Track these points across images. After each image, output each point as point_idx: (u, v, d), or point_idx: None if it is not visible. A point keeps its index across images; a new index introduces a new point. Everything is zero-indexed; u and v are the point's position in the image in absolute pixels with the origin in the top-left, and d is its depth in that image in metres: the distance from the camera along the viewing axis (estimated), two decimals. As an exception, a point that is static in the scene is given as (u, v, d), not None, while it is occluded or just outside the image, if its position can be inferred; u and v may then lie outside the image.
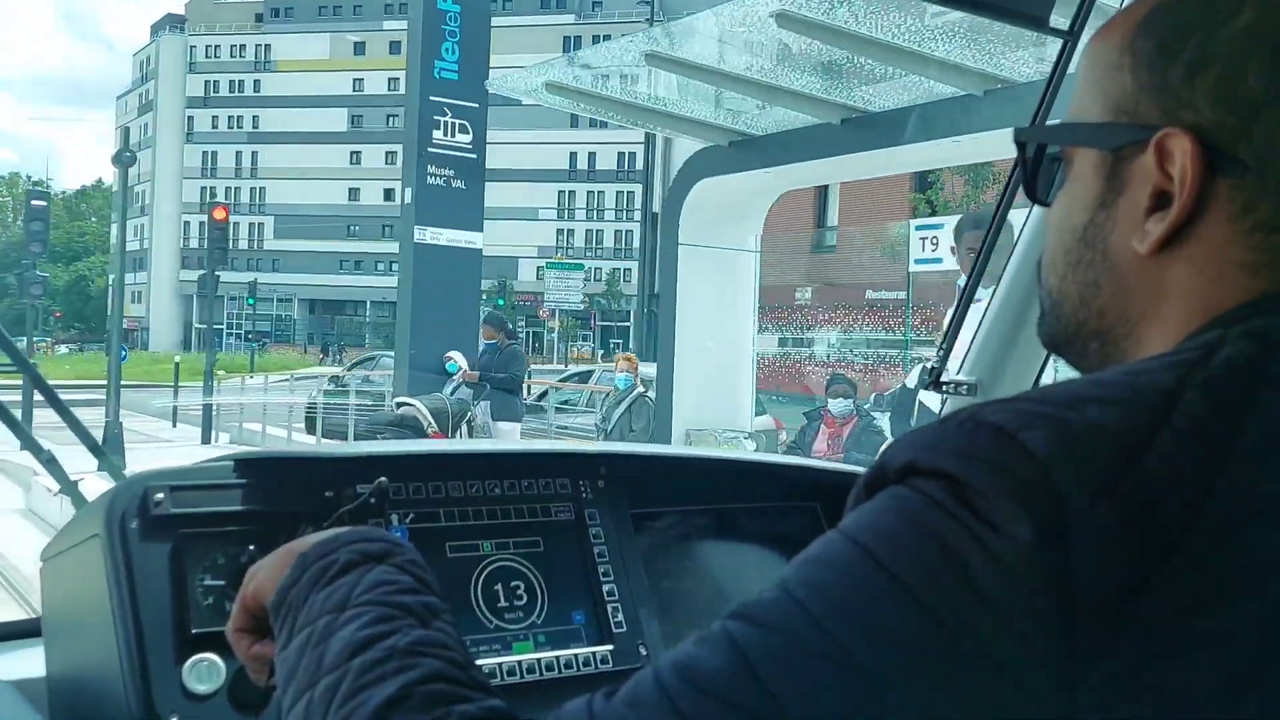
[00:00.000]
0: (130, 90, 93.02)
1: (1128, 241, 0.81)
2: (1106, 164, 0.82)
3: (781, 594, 0.68)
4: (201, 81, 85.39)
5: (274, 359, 57.29)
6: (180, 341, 73.58)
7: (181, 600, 1.37)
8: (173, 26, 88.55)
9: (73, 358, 57.56)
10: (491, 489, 1.66)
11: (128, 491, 1.40)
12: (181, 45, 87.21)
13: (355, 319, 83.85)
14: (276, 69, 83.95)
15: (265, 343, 73.28)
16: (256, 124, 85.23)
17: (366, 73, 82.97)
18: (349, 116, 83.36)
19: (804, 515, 1.93)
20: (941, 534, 0.66)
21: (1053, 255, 0.88)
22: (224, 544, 1.43)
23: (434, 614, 0.87)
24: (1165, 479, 0.65)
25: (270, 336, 76.18)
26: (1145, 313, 0.81)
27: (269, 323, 79.60)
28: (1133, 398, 0.69)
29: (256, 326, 76.80)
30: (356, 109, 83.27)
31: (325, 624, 0.85)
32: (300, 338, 74.03)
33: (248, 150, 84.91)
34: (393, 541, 0.96)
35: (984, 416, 0.69)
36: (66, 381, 27.08)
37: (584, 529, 1.70)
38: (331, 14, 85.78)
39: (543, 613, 1.62)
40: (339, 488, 1.52)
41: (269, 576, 0.99)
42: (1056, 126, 0.91)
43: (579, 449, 1.82)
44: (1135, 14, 0.82)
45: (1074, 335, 0.87)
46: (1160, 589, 0.63)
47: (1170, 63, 0.78)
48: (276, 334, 75.99)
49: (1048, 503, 0.64)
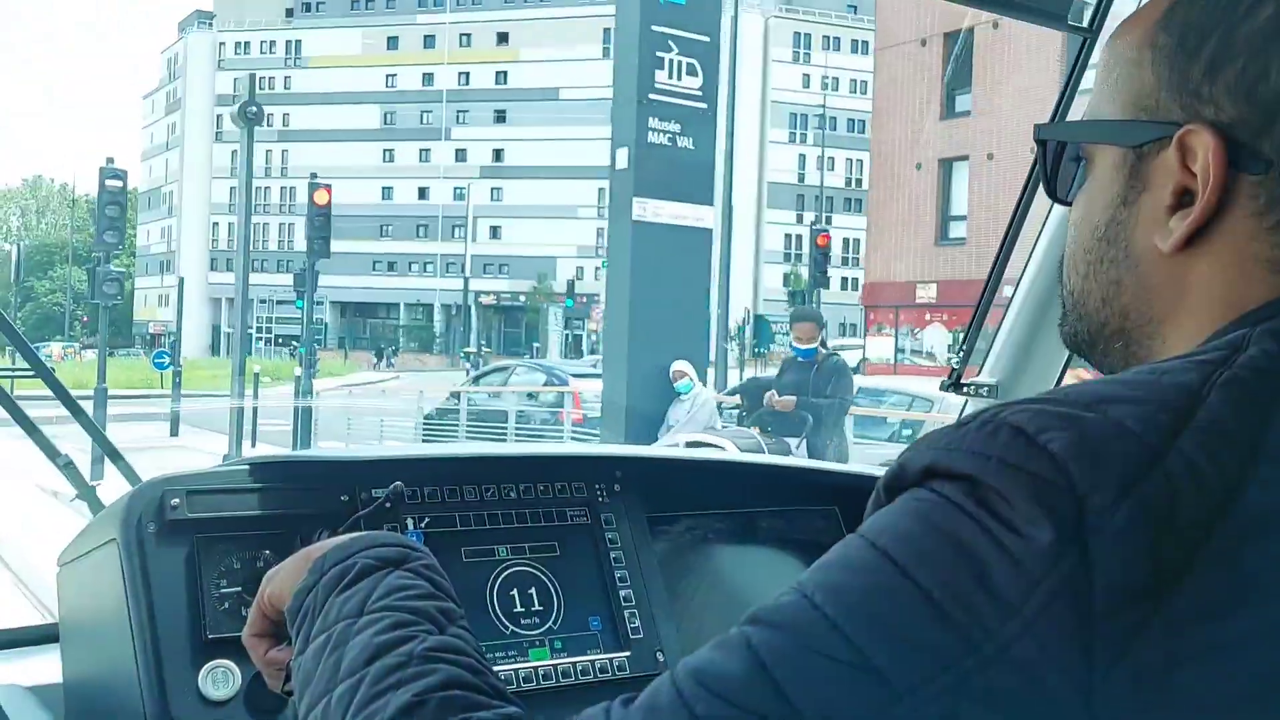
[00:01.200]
0: (157, 89, 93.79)
1: (1150, 239, 0.82)
2: (1128, 162, 0.84)
3: (799, 598, 0.69)
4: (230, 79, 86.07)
5: (291, 365, 55.75)
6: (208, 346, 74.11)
7: (198, 605, 1.42)
8: (200, 23, 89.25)
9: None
10: (507, 493, 1.70)
11: (144, 496, 1.46)
12: (210, 42, 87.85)
13: (388, 322, 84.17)
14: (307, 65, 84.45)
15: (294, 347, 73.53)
16: (286, 122, 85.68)
17: (400, 68, 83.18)
18: (382, 113, 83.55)
19: (822, 518, 1.96)
20: (960, 536, 0.67)
21: (1074, 254, 0.91)
22: (240, 548, 1.48)
23: (451, 619, 0.90)
24: (1188, 480, 0.66)
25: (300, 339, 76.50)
26: (1168, 311, 0.83)
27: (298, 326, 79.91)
28: (1155, 398, 0.70)
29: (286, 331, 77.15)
30: (389, 105, 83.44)
31: (342, 629, 0.89)
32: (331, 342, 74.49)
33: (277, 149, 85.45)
34: (410, 546, 0.99)
35: (1004, 418, 0.71)
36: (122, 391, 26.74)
37: (600, 533, 1.74)
38: (363, 8, 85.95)
39: (559, 618, 1.65)
40: (354, 492, 1.57)
41: (285, 581, 1.02)
42: (1077, 124, 0.93)
43: (593, 452, 1.86)
44: (1155, 10, 0.84)
45: (1097, 335, 0.90)
46: (1182, 591, 0.64)
47: (1191, 59, 0.80)
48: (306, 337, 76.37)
49: (1067, 504, 0.65)
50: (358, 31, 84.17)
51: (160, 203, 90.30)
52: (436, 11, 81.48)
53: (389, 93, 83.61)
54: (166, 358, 33.74)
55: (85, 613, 1.58)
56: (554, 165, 76.24)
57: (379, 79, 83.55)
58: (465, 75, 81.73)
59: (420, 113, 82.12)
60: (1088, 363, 0.93)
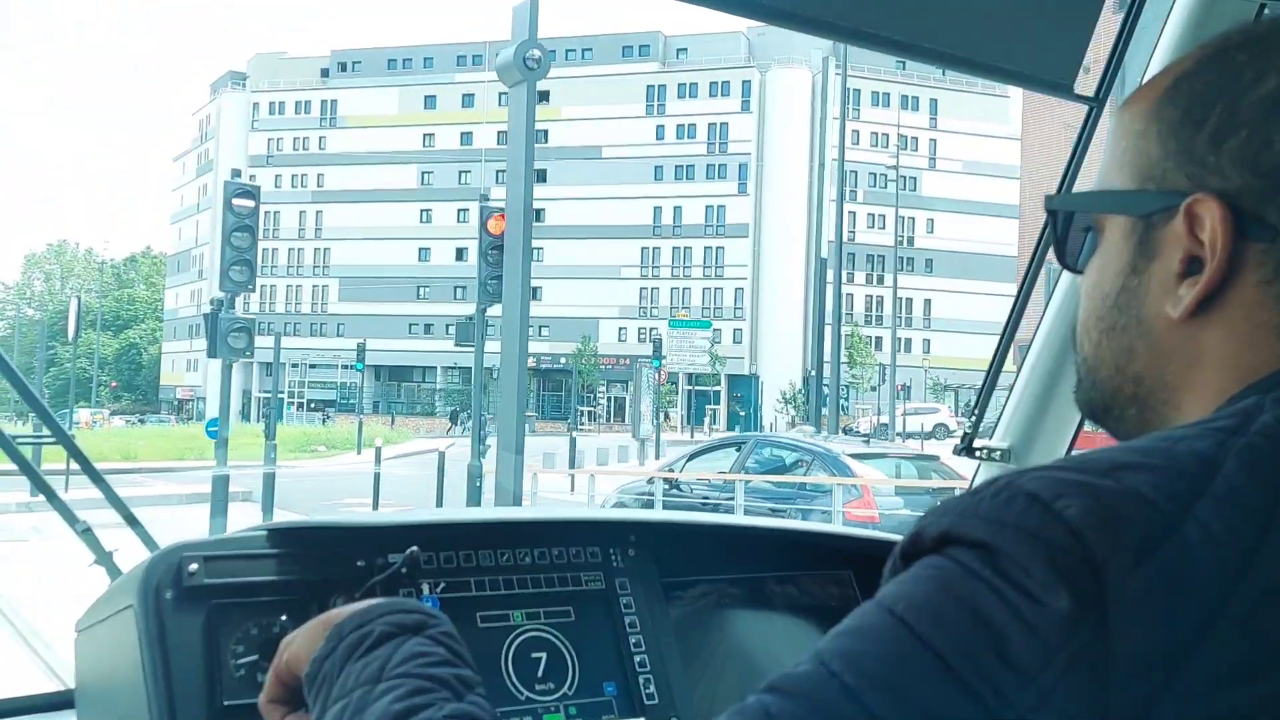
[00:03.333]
0: (189, 150, 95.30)
1: (1161, 307, 0.85)
2: (1137, 231, 0.87)
3: (816, 665, 0.71)
4: (264, 139, 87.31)
5: (343, 432, 50.43)
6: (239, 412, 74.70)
7: (214, 671, 1.47)
8: (234, 83, 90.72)
9: (131, 432, 54.53)
10: (522, 558, 1.76)
11: (163, 562, 1.51)
12: (243, 102, 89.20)
13: (424, 386, 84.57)
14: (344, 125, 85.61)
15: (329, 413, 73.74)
16: (321, 182, 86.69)
17: (438, 127, 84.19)
18: (419, 173, 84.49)
19: (836, 583, 1.99)
20: (978, 604, 0.68)
21: (1086, 321, 0.94)
22: (257, 614, 1.53)
23: (468, 687, 0.95)
24: (1204, 548, 0.68)
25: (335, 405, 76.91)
26: (1182, 378, 0.85)
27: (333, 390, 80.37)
28: (1171, 465, 0.72)
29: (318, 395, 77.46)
30: (427, 165, 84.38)
31: (360, 696, 0.93)
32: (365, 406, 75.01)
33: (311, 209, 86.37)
34: (427, 613, 1.04)
35: (1019, 484, 0.72)
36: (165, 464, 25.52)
37: (614, 598, 1.79)
38: (401, 67, 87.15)
39: (574, 684, 1.69)
40: (371, 557, 1.62)
41: (303, 648, 1.07)
42: (1086, 194, 0.97)
43: (608, 516, 1.91)
44: (1160, 83, 0.89)
45: (1110, 402, 0.92)
46: (1199, 659, 0.66)
47: (1196, 130, 0.84)
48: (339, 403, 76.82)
49: (1085, 572, 0.67)
50: (394, 91, 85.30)
51: (190, 265, 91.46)
52: (475, 69, 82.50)
53: (426, 152, 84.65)
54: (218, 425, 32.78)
55: (102, 679, 1.63)
56: (596, 225, 76.73)
57: (416, 139, 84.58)
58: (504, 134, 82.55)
59: (458, 172, 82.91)
60: (1102, 429, 0.95)
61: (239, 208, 15.03)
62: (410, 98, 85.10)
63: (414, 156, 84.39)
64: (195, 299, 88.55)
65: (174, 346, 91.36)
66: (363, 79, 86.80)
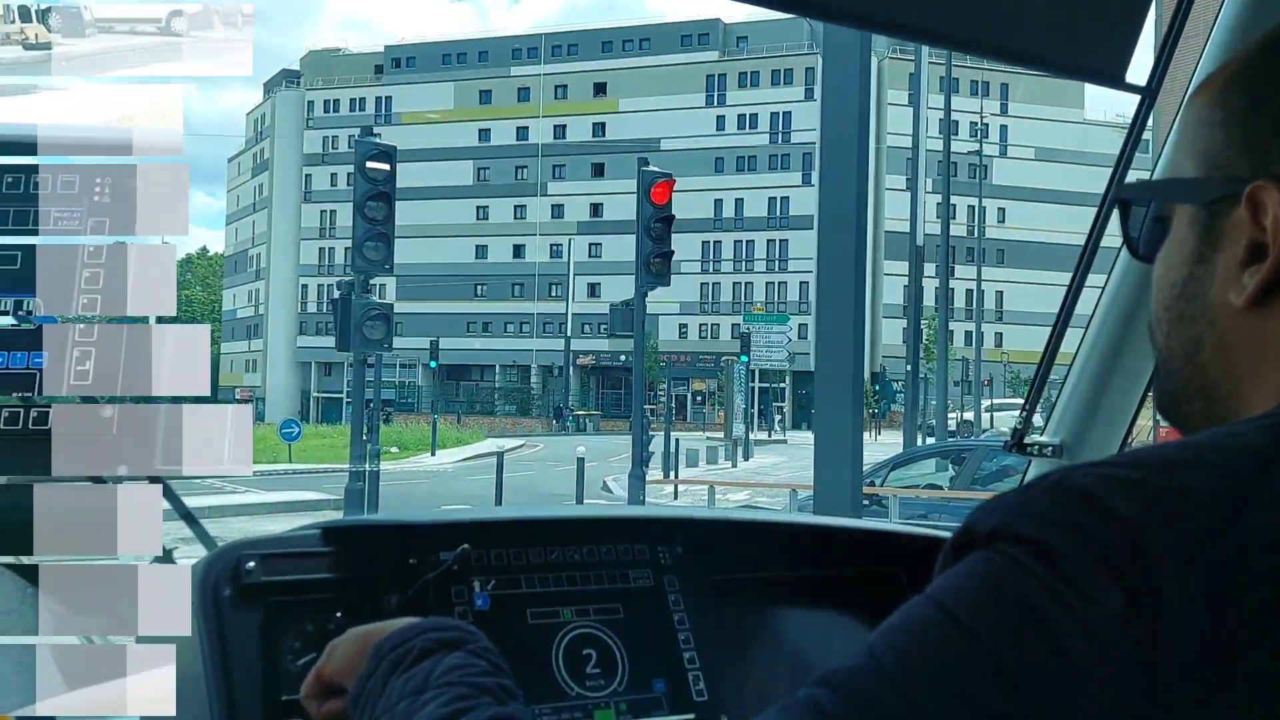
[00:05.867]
0: (244, 150, 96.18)
1: (1225, 295, 0.86)
2: (1201, 219, 0.89)
3: (866, 659, 0.72)
4: (319, 137, 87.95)
5: (413, 433, 48.73)
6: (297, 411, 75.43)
7: (272, 667, 1.54)
8: (288, 83, 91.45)
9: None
10: (571, 555, 1.81)
11: (221, 560, 1.58)
12: (298, 101, 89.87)
13: (483, 384, 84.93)
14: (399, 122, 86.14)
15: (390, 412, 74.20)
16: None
17: (493, 122, 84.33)
18: (475, 169, 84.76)
19: (885, 580, 2.03)
20: (1030, 600, 0.69)
21: (1157, 313, 0.95)
22: (312, 611, 1.59)
23: (511, 696, 1.01)
24: (1259, 547, 0.69)
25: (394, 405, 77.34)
26: (1247, 369, 0.86)
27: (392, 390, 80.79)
28: (1225, 462, 0.73)
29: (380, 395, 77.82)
30: (483, 161, 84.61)
31: (405, 707, 1.00)
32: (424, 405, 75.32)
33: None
34: (465, 629, 1.11)
35: (1072, 481, 0.73)
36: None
37: (663, 596, 1.84)
38: (455, 62, 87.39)
39: (624, 680, 1.75)
40: (423, 555, 1.68)
41: (343, 663, 1.15)
42: (1154, 183, 1.00)
43: (657, 514, 1.96)
44: (1228, 70, 0.91)
45: (1181, 394, 0.93)
46: (1252, 659, 0.67)
47: (1259, 116, 0.85)
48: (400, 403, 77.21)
49: (1138, 570, 0.68)
50: (450, 86, 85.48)
51: (247, 265, 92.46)
52: (531, 63, 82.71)
53: (482, 148, 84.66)
54: (295, 428, 32.76)
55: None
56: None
57: (471, 134, 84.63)
58: (561, 128, 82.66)
59: (515, 168, 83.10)
60: (1173, 425, 0.96)
61: (373, 172, 13.27)
62: (465, 93, 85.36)
63: (470, 152, 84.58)
64: (252, 299, 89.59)
65: (233, 347, 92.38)
66: (417, 74, 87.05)
